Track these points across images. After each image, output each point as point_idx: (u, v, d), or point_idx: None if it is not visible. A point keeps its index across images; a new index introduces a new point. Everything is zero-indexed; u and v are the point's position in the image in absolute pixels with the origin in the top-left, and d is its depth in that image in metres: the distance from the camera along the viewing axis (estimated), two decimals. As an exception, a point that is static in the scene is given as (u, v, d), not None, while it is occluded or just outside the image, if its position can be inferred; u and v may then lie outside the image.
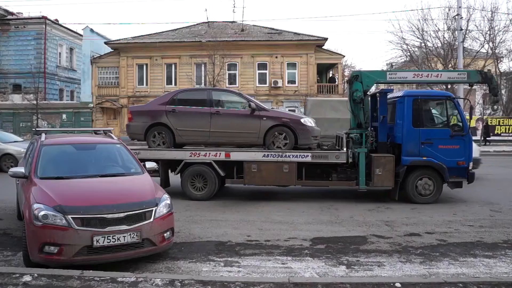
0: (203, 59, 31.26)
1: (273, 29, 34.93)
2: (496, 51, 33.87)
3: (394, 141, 11.06)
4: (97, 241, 5.30)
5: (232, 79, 32.80)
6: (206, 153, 10.75)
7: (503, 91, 31.01)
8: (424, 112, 11.01)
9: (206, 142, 11.11)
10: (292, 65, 32.87)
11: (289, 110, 22.17)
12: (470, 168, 10.75)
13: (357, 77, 11.26)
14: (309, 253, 6.51)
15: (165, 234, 5.94)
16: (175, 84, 32.78)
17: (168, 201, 6.18)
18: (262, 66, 32.89)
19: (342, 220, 8.72)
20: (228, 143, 11.10)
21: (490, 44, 33.70)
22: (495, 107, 11.49)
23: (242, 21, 36.93)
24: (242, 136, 10.90)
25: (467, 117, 10.92)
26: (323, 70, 36.40)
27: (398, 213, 9.45)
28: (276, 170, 10.57)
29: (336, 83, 34.17)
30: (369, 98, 11.72)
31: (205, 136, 10.93)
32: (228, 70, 32.29)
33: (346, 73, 54.83)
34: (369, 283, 5.11)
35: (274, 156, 10.56)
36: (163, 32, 34.81)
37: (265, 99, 30.16)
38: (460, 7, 25.73)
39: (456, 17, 26.37)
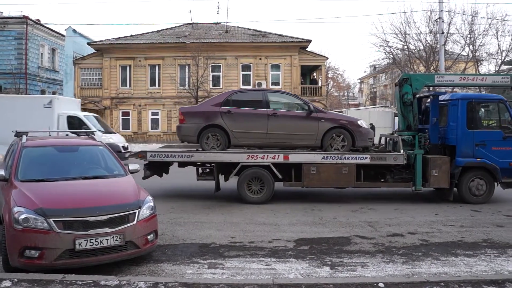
0: (187, 60, 31.15)
1: (257, 30, 35.00)
2: (476, 54, 34.39)
3: (446, 143, 11.34)
4: (80, 244, 5.23)
5: (216, 81, 32.76)
6: (264, 156, 10.52)
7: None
8: (477, 115, 11.25)
9: (263, 144, 10.96)
10: (276, 67, 32.97)
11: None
12: None
13: (406, 80, 11.59)
14: (293, 254, 6.53)
15: (148, 237, 5.89)
16: (159, 85, 32.65)
17: (152, 203, 6.15)
18: (246, 67, 32.92)
19: (326, 221, 8.76)
20: (285, 145, 11.00)
21: (471, 47, 34.20)
22: None
23: (226, 22, 36.94)
24: (300, 138, 10.82)
25: None
26: (307, 72, 36.58)
27: (381, 214, 9.54)
28: (335, 172, 10.52)
29: (320, 85, 34.37)
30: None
31: (262, 138, 10.78)
32: (212, 72, 32.24)
33: (330, 75, 55.24)
34: (353, 283, 5.15)
35: (334, 158, 10.50)
36: (146, 33, 34.63)
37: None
38: (441, 10, 26.05)
39: (438, 20, 26.69)
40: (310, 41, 32.87)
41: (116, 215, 5.56)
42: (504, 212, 9.91)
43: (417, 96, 11.93)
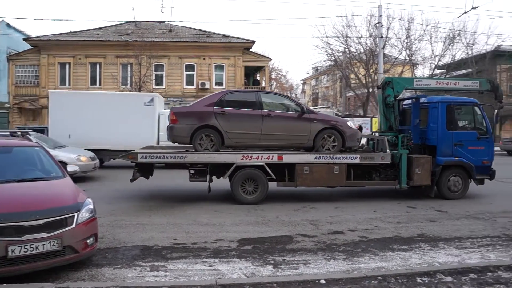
0: (129, 59, 30.52)
1: (201, 30, 34.83)
2: (413, 58, 36.04)
3: (427, 143, 12.01)
4: (13, 251, 4.96)
5: (159, 80, 32.29)
6: (258, 156, 10.54)
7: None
8: (455, 117, 11.93)
9: (257, 145, 10.94)
10: (219, 67, 32.95)
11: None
12: (492, 166, 11.98)
13: (389, 83, 12.20)
14: (236, 254, 6.56)
15: (88, 240, 5.71)
16: (100, 84, 31.76)
17: (91, 206, 5.96)
18: (190, 67, 32.68)
19: (269, 221, 8.86)
20: (278, 146, 11.06)
21: (407, 51, 35.81)
22: (496, 111, 12.73)
23: (170, 21, 36.54)
24: (293, 139, 10.93)
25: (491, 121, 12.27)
26: (250, 72, 36.81)
27: (323, 212, 9.76)
28: (327, 171, 10.79)
29: (263, 85, 34.71)
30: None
31: (256, 139, 10.75)
32: (155, 71, 31.75)
33: (273, 76, 55.81)
34: (295, 281, 5.25)
35: (326, 158, 10.74)
36: (87, 30, 33.60)
37: (193, 100, 30.09)
38: (381, 15, 27.12)
39: (377, 25, 27.76)
40: (254, 42, 33.10)
41: (53, 219, 5.34)
42: (436, 208, 10.46)
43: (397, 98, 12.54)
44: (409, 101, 12.95)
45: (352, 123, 11.60)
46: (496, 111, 12.47)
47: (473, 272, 5.69)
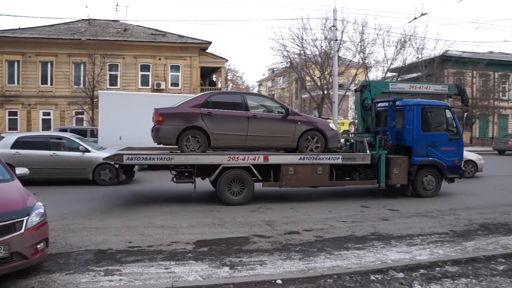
0: (83, 58, 29.75)
1: (157, 30, 34.39)
2: (366, 61, 36.98)
3: (403, 144, 12.45)
4: (-46, 259, 4.72)
5: (113, 80, 31.63)
6: (244, 157, 10.59)
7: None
8: (429, 119, 12.34)
9: (243, 146, 10.94)
10: (175, 68, 32.66)
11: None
12: (462, 166, 12.90)
13: (366, 87, 12.68)
14: (193, 257, 6.51)
15: (38, 246, 5.50)
16: (51, 84, 30.80)
17: (42, 210, 5.76)
18: (145, 67, 32.22)
19: (225, 222, 8.85)
20: (264, 147, 11.14)
21: (361, 54, 36.71)
22: (466, 114, 13.35)
23: (125, 20, 35.89)
24: (278, 140, 11.02)
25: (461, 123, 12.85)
26: (206, 73, 36.70)
27: (278, 213, 9.84)
28: (311, 172, 11.01)
29: (219, 86, 34.70)
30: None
31: (242, 140, 10.76)
32: (109, 71, 31.09)
33: (229, 77, 55.85)
34: (252, 282, 5.29)
35: (309, 158, 10.93)
36: (38, 27, 32.47)
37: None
38: (335, 19, 27.63)
39: (332, 28, 28.25)
40: (210, 42, 33.02)
41: (0, 224, 5.12)
42: (388, 207, 10.77)
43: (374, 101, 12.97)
44: (384, 104, 13.44)
45: (333, 125, 11.91)
46: (465, 113, 13.15)
47: (423, 267, 5.93)
